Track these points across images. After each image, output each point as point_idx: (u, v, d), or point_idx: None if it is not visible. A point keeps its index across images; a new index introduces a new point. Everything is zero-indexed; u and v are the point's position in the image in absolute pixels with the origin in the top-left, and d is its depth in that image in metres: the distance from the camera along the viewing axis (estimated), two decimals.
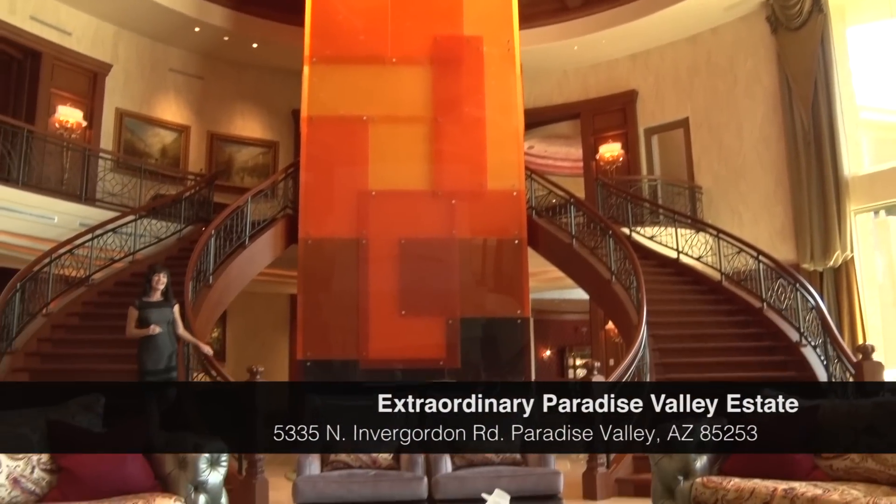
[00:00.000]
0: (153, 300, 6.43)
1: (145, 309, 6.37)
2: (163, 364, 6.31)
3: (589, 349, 16.70)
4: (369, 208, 10.25)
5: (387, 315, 9.92)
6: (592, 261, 9.96)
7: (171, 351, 6.44)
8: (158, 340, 6.29)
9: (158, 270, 6.52)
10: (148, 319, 6.31)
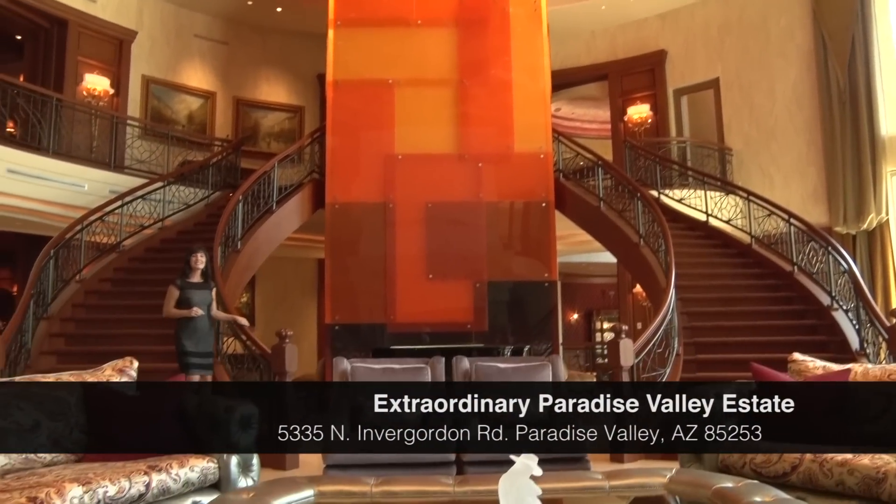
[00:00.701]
0: (194, 281, 6.29)
1: (187, 290, 6.22)
2: (203, 347, 6.21)
3: (616, 313, 16.68)
4: (396, 172, 10.23)
5: (414, 279, 9.95)
6: (620, 224, 9.89)
7: (211, 334, 6.37)
8: (199, 323, 6.18)
9: (197, 250, 6.36)
10: (190, 300, 6.17)
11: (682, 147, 12.40)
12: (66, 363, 7.19)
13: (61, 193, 9.71)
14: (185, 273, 6.29)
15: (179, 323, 6.19)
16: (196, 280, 6.29)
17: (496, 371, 5.66)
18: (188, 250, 6.41)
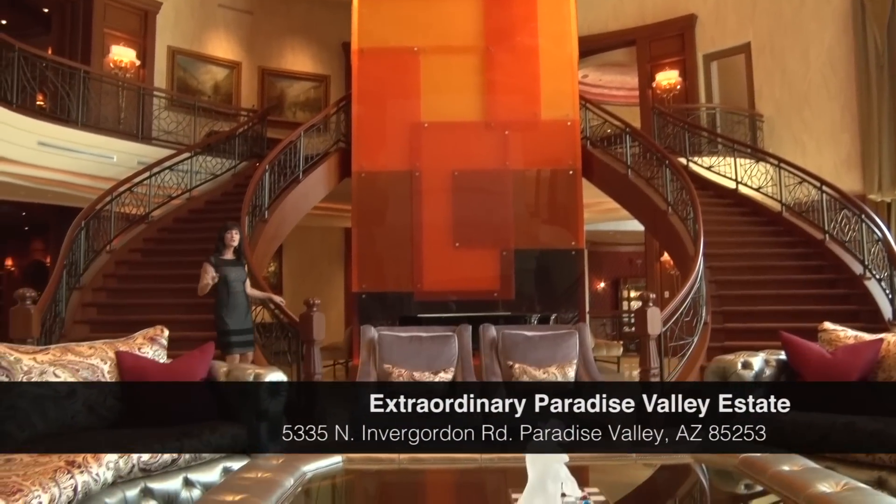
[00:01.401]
0: (228, 258, 6.27)
1: (221, 267, 6.18)
2: (243, 323, 6.20)
3: (644, 281, 16.62)
4: (422, 140, 10.21)
5: (440, 247, 9.97)
6: (648, 191, 9.80)
7: (249, 311, 6.37)
8: (238, 299, 6.19)
9: (231, 227, 6.31)
10: (227, 277, 6.18)
11: (712, 114, 12.20)
12: (99, 332, 7.29)
13: (91, 165, 9.82)
14: (219, 250, 6.26)
15: (219, 301, 6.18)
16: (229, 257, 6.27)
17: (523, 339, 5.68)
18: (222, 227, 6.35)
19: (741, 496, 3.26)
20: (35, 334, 6.53)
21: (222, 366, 4.40)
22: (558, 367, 5.46)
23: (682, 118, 11.48)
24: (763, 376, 4.36)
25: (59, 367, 3.82)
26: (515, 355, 5.56)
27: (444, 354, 5.60)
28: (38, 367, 3.74)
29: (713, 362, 4.53)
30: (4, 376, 3.61)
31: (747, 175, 10.28)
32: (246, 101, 13.34)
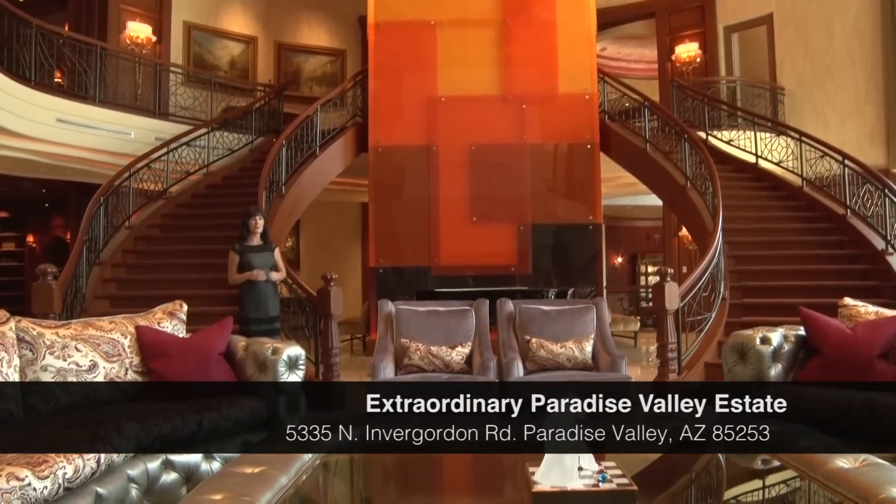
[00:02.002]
0: (253, 244, 6.03)
1: (247, 253, 5.97)
2: (266, 312, 5.94)
3: (661, 256, 16.54)
4: (439, 114, 10.20)
5: (458, 222, 10.00)
6: (667, 166, 9.72)
7: (275, 298, 6.06)
8: (261, 287, 5.93)
9: (254, 213, 6.08)
10: (251, 264, 5.92)
11: (732, 87, 12.05)
12: (119, 307, 7.38)
13: (108, 141, 9.86)
14: (244, 237, 6.06)
15: (242, 288, 5.99)
16: (255, 243, 6.04)
17: (540, 314, 5.68)
18: (245, 213, 6.14)
19: (759, 471, 3.25)
20: (57, 309, 6.60)
21: (240, 340, 4.44)
22: (575, 342, 5.46)
23: (701, 91, 11.34)
24: (782, 351, 4.34)
25: (81, 341, 3.87)
26: (533, 330, 5.57)
27: (462, 329, 5.62)
28: (61, 341, 3.80)
29: (731, 337, 4.51)
30: (28, 350, 3.67)
31: (767, 149, 10.16)
32: (262, 77, 13.32)
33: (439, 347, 5.42)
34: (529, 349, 5.43)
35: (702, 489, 3.20)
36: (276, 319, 6.05)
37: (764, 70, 12.08)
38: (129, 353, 4.03)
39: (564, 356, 5.39)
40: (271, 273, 6.08)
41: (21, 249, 16.05)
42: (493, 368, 5.29)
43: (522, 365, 5.38)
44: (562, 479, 2.77)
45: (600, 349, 5.55)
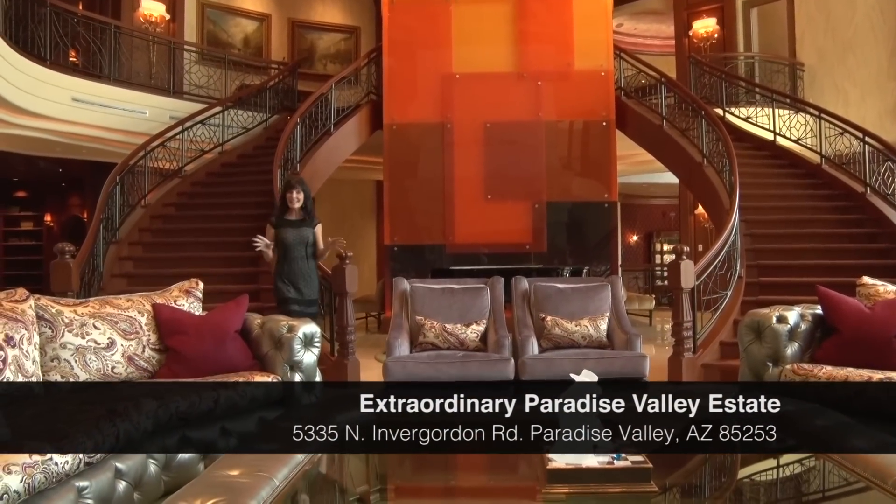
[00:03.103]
0: (290, 219, 5.60)
1: (282, 227, 5.55)
2: (303, 292, 5.52)
3: (677, 234, 16.48)
4: (454, 92, 10.17)
5: (472, 199, 9.99)
6: (683, 143, 9.66)
7: (311, 279, 5.60)
8: (295, 266, 5.52)
9: (293, 186, 5.63)
10: (284, 239, 5.52)
11: (750, 63, 11.90)
12: (136, 285, 7.44)
13: (123, 120, 9.89)
14: (282, 208, 5.64)
15: (276, 267, 5.61)
16: (293, 217, 5.60)
17: (555, 291, 5.68)
18: (283, 185, 5.78)
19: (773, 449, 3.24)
20: (75, 288, 6.66)
21: (256, 318, 4.46)
22: (590, 320, 5.46)
23: (719, 68, 11.21)
24: (798, 330, 4.31)
25: (99, 319, 3.91)
26: (547, 308, 5.57)
27: (477, 306, 5.63)
28: (79, 318, 3.83)
29: (747, 316, 4.48)
30: (48, 328, 3.71)
31: (786, 126, 10.05)
32: (276, 54, 13.30)
33: (454, 325, 5.44)
34: (544, 327, 5.44)
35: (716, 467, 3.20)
36: (314, 303, 5.66)
37: (783, 45, 11.91)
38: (146, 330, 4.07)
39: (579, 334, 5.39)
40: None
41: (39, 228, 16.19)
42: (508, 346, 5.30)
43: (537, 343, 5.39)
44: (576, 456, 2.78)
45: (615, 327, 5.55)
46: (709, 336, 6.93)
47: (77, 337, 3.77)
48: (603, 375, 2.99)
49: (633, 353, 5.28)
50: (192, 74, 11.25)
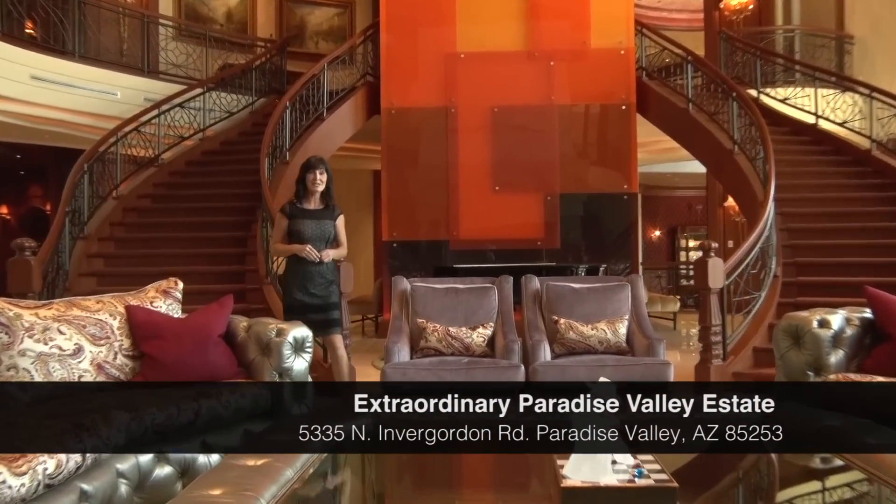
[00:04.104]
0: (309, 207, 5.19)
1: (298, 218, 5.15)
2: (319, 297, 5.16)
3: (704, 229, 16.45)
4: (458, 73, 10.15)
5: (479, 191, 9.98)
6: (712, 128, 9.61)
7: (330, 279, 5.25)
8: (312, 267, 5.13)
9: (315, 165, 5.17)
10: (301, 233, 5.12)
11: (790, 37, 11.82)
12: (107, 285, 7.43)
13: (91, 102, 9.85)
14: (300, 196, 5.20)
15: (287, 264, 5.27)
16: (312, 206, 5.21)
17: (569, 291, 5.65)
18: (304, 166, 5.23)
19: (816, 471, 3.20)
20: (36, 288, 6.62)
21: (242, 321, 4.43)
22: (608, 323, 5.43)
23: (753, 43, 11.13)
24: (844, 336, 4.22)
25: (64, 322, 3.86)
26: (561, 309, 5.54)
27: (483, 308, 5.60)
28: (41, 322, 3.77)
29: (784, 319, 4.42)
30: (4, 333, 3.65)
31: (830, 108, 9.97)
32: (263, 31, 13.28)
33: (459, 328, 5.41)
34: (557, 331, 5.41)
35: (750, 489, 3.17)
36: (332, 307, 5.25)
37: (829, 16, 11.75)
38: (118, 335, 4.04)
39: (596, 339, 5.36)
40: (326, 251, 5.15)
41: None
42: (518, 351, 5.27)
43: (550, 348, 5.36)
44: (594, 473, 2.75)
45: (636, 331, 5.52)
46: (740, 342, 6.90)
47: (39, 343, 3.72)
48: (622, 381, 3.02)
49: (656, 359, 5.24)
50: (168, 52, 11.22)
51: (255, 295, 7.78)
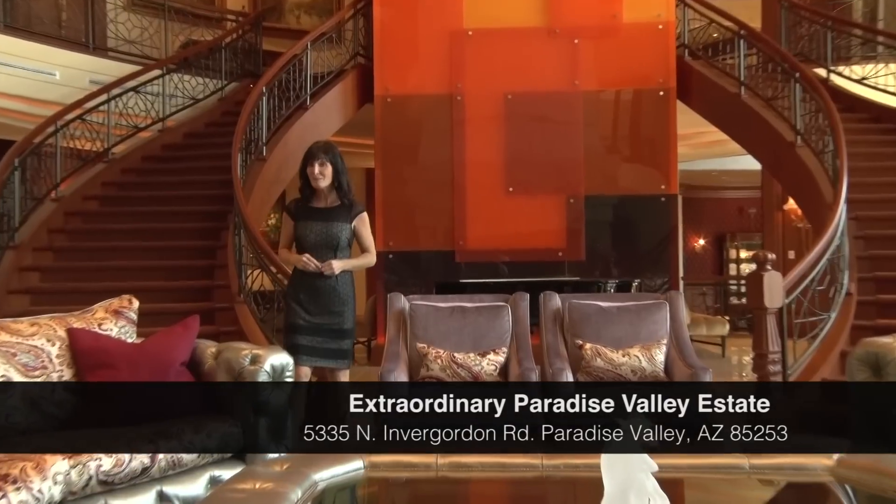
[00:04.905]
0: (317, 206, 4.99)
1: (304, 220, 4.94)
2: (327, 315, 4.91)
3: (759, 237, 16.43)
4: (465, 54, 10.18)
5: (490, 193, 9.99)
6: (769, 116, 9.60)
7: (344, 298, 4.98)
8: (317, 279, 4.89)
9: (314, 154, 4.91)
10: (303, 239, 4.91)
11: (871, 3, 11.74)
12: (43, 304, 7.42)
13: (23, 83, 9.84)
14: (304, 191, 5.02)
15: (291, 275, 5.11)
16: (322, 204, 4.99)
17: (596, 311, 5.63)
18: (305, 155, 5.01)
19: None
20: None
21: (210, 345, 4.43)
22: (642, 349, 5.41)
23: (823, 11, 11.06)
24: None
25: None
26: (586, 332, 5.52)
27: (495, 331, 5.59)
28: None
29: (860, 346, 4.38)
30: None
31: None
32: (234, 2, 13.34)
33: (466, 355, 5.39)
34: (582, 357, 5.39)
35: None
36: (344, 334, 5.01)
37: None
38: (57, 364, 4.01)
39: (628, 367, 5.33)
40: (335, 262, 4.87)
41: None
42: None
43: (573, 378, 5.34)
44: None
45: (676, 359, 5.50)
46: (805, 372, 6.87)
47: None
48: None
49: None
50: (119, 25, 11.22)
51: (226, 315, 7.77)
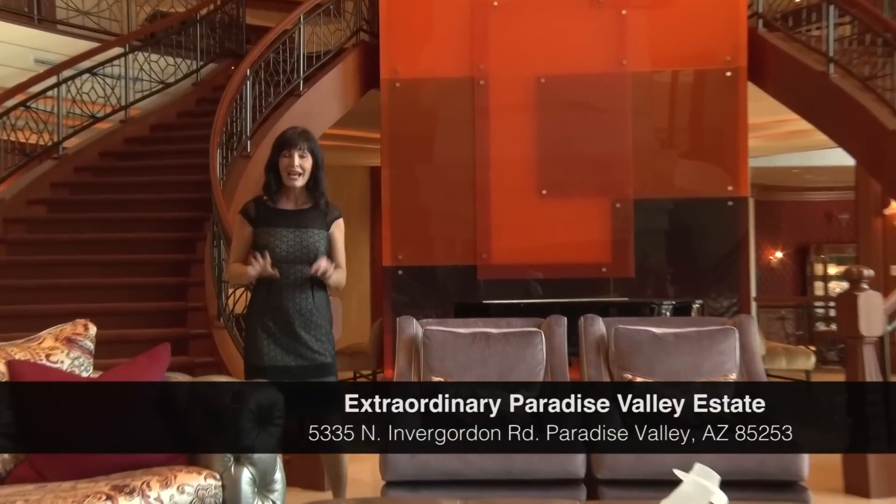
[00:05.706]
0: (287, 207, 4.86)
1: (270, 226, 4.77)
2: (293, 353, 4.74)
3: (852, 249, 16.34)
4: (489, 29, 10.19)
5: (519, 196, 9.98)
6: (865, 100, 9.48)
7: (321, 322, 4.90)
8: (289, 295, 4.74)
9: (292, 141, 4.76)
10: (273, 249, 4.70)
11: None
12: None
13: None
14: (270, 189, 4.85)
15: (254, 292, 4.87)
16: (291, 206, 4.87)
17: (649, 339, 5.63)
18: (277, 143, 4.84)
19: None
20: None
21: (183, 381, 4.44)
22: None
23: None
24: None
25: None
26: (636, 364, 5.52)
27: (525, 362, 5.59)
28: None
29: None
30: None
31: None
32: None
33: None
34: None
35: None
36: (326, 370, 4.83)
37: None
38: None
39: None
40: (320, 264, 4.78)
41: None
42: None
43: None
44: None
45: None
46: None
47: None
48: (729, 475, 3.09)
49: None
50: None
51: (203, 344, 7.80)
